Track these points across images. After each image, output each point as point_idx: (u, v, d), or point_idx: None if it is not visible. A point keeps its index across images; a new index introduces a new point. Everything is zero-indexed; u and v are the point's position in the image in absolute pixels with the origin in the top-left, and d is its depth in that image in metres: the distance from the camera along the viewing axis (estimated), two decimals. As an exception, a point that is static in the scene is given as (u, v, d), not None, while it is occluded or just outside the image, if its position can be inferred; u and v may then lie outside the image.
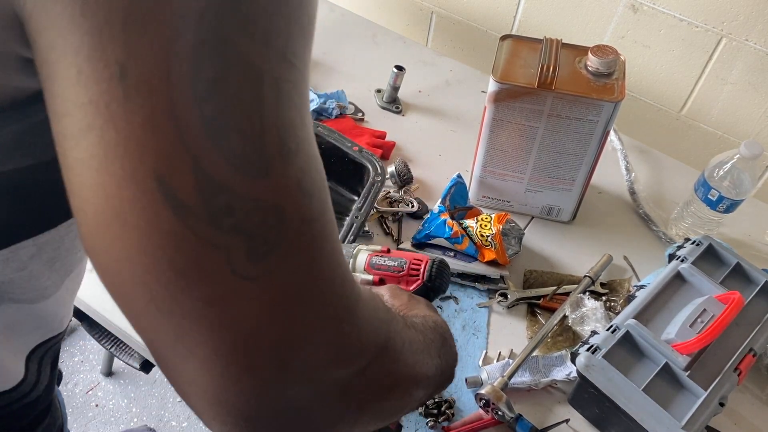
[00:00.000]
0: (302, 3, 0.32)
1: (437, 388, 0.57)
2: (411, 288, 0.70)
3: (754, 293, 0.90)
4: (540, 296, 0.98)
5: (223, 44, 0.29)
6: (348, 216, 0.95)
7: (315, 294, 0.34)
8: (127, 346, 1.12)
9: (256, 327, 0.32)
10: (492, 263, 0.99)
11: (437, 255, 0.72)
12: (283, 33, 0.31)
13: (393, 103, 1.26)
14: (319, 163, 0.35)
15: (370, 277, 0.71)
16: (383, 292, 0.68)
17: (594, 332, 0.88)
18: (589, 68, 0.93)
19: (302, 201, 0.33)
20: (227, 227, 0.30)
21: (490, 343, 0.94)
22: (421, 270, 0.70)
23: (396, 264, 0.71)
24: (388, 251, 0.73)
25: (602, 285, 1.00)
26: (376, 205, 1.06)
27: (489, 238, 0.98)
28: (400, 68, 1.23)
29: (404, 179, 1.10)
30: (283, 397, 0.34)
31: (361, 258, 0.72)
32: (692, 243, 0.96)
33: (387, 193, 1.10)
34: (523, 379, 0.87)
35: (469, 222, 1.01)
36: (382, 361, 0.40)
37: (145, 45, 0.28)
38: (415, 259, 0.71)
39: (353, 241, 0.91)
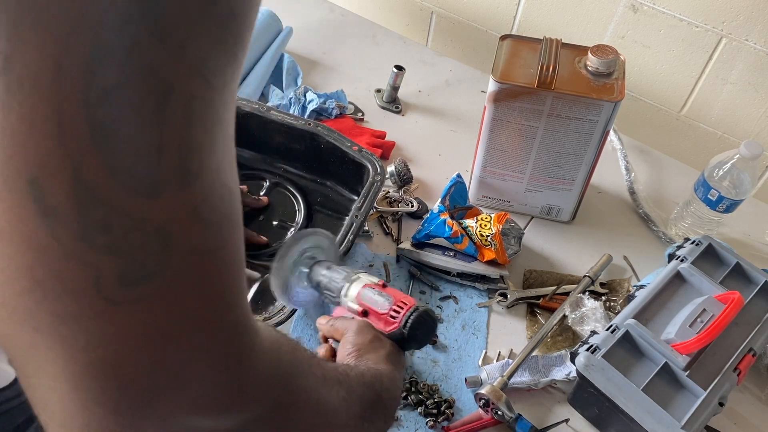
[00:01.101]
0: (228, 21, 0.30)
1: None
2: (387, 330, 0.67)
3: (754, 293, 0.90)
4: (540, 296, 0.98)
5: (129, 50, 0.26)
6: (348, 216, 0.95)
7: (194, 334, 0.32)
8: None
9: (115, 357, 0.30)
10: (492, 263, 0.99)
11: (426, 306, 0.68)
12: (201, 48, 0.28)
13: (393, 103, 1.27)
14: (231, 194, 0.33)
15: (356, 307, 0.69)
16: (351, 326, 0.66)
17: (594, 332, 0.88)
18: (589, 68, 0.93)
19: (195, 230, 0.30)
20: (100, 245, 0.28)
21: (490, 343, 0.94)
22: (401, 314, 0.67)
23: (383, 301, 0.68)
24: (384, 286, 0.70)
25: (602, 285, 1.00)
26: (375, 204, 1.06)
27: (489, 238, 0.98)
28: (400, 68, 1.23)
29: (404, 179, 1.10)
30: None
31: (355, 287, 0.70)
32: (692, 243, 0.96)
33: (387, 193, 1.10)
34: (522, 379, 0.87)
35: (469, 222, 1.01)
36: (272, 420, 0.37)
37: (35, 39, 0.25)
38: (400, 301, 0.68)
39: (353, 240, 0.91)
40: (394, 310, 0.67)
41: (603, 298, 0.98)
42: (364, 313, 0.69)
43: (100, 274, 0.28)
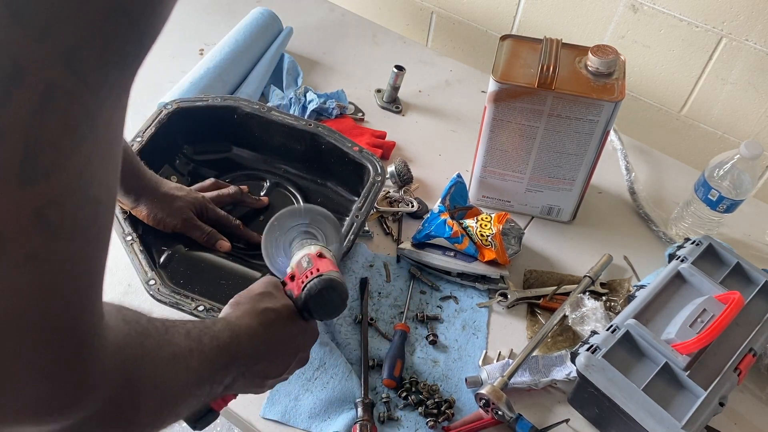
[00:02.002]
0: (112, 15, 0.26)
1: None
2: (296, 294, 0.66)
3: (754, 293, 0.90)
4: (540, 296, 0.98)
5: None
6: (348, 216, 0.95)
7: (30, 334, 0.30)
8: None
9: None
10: (492, 263, 0.99)
11: (337, 277, 0.65)
12: (71, 36, 0.25)
13: (393, 103, 1.26)
14: (97, 208, 0.30)
15: (289, 272, 0.68)
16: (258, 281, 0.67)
17: (594, 332, 0.88)
18: (589, 68, 0.93)
19: (38, 234, 0.28)
20: None
21: (490, 343, 0.94)
22: (307, 281, 0.64)
23: (306, 264, 0.66)
24: (320, 256, 0.67)
25: (602, 285, 1.00)
26: (376, 205, 1.06)
27: (489, 238, 0.98)
28: (400, 68, 1.23)
29: (404, 179, 1.10)
30: None
31: (304, 251, 0.69)
32: (692, 243, 0.96)
33: (387, 193, 1.10)
34: (523, 379, 0.87)
35: (469, 222, 1.01)
36: (116, 411, 0.37)
37: None
38: (315, 269, 0.65)
39: (353, 240, 0.91)
40: (305, 275, 0.65)
41: (603, 298, 0.98)
42: (291, 278, 0.67)
43: None
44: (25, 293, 0.29)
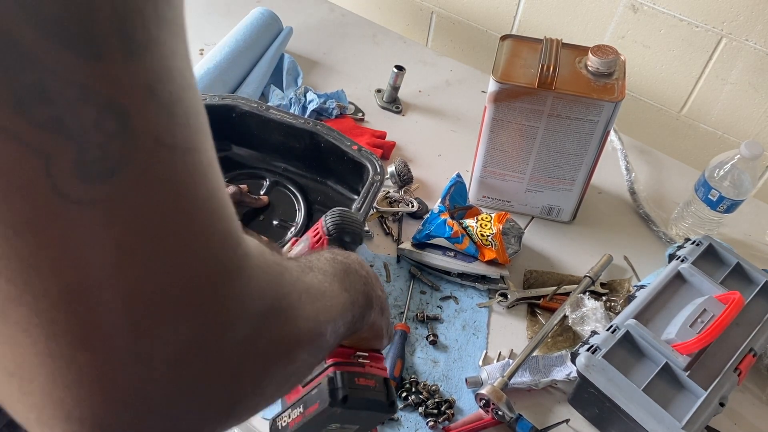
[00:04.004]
0: None
1: (353, 322, 0.50)
2: (315, 247, 0.69)
3: (755, 293, 0.90)
4: (540, 296, 0.98)
5: None
6: (348, 216, 0.95)
7: (180, 245, 0.27)
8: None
9: (93, 280, 0.24)
10: (492, 263, 0.99)
11: (343, 209, 0.72)
12: None
13: (393, 103, 1.26)
14: (193, 92, 0.28)
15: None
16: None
17: (594, 332, 0.88)
18: (590, 68, 0.93)
19: (157, 114, 0.26)
20: (44, 121, 0.23)
21: (490, 343, 0.94)
22: (320, 228, 0.69)
23: (304, 240, 0.70)
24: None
25: (602, 285, 1.00)
26: (376, 205, 1.06)
27: (489, 238, 0.98)
28: (400, 68, 1.22)
29: (404, 179, 1.10)
30: (133, 383, 0.26)
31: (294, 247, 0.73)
32: (692, 243, 0.96)
33: (387, 193, 1.10)
34: (523, 379, 0.87)
35: (470, 221, 1.00)
36: (274, 324, 0.34)
37: None
38: (313, 229, 0.71)
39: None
40: (315, 232, 0.69)
41: (603, 298, 0.98)
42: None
43: (52, 162, 0.23)
44: (163, 182, 0.26)
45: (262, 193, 1.05)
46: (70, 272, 0.24)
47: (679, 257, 0.93)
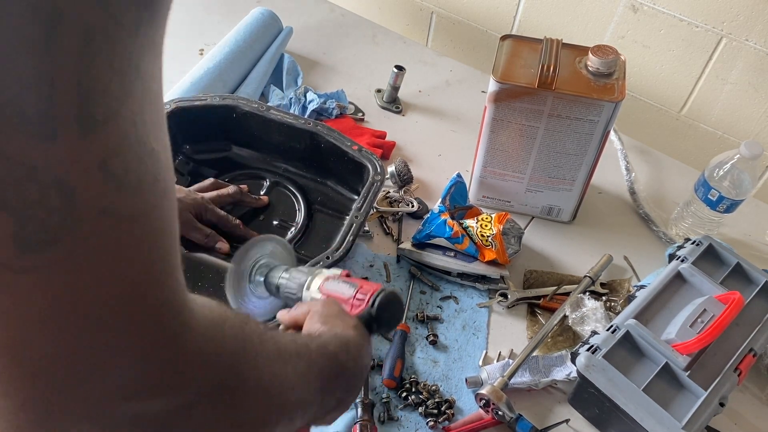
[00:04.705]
0: None
1: (315, 419, 0.49)
2: (354, 313, 0.64)
3: (754, 293, 0.90)
4: (540, 296, 0.98)
5: None
6: (348, 215, 0.95)
7: (113, 312, 0.28)
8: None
9: (21, 339, 0.26)
10: (492, 263, 0.99)
11: (395, 289, 0.68)
12: None
13: (393, 103, 1.26)
14: (155, 158, 0.29)
15: (319, 296, 0.67)
16: (315, 304, 0.63)
17: (594, 332, 0.88)
18: (590, 68, 0.93)
19: (106, 188, 0.26)
20: None
21: (490, 343, 0.94)
22: (368, 296, 0.65)
23: (347, 287, 0.66)
24: (348, 275, 0.68)
25: (602, 285, 1.00)
26: (376, 205, 1.06)
27: (489, 238, 0.98)
28: (400, 68, 1.22)
29: (404, 179, 1.10)
30: None
31: (318, 280, 0.68)
32: (692, 243, 0.96)
33: (387, 193, 1.10)
34: (523, 379, 0.87)
35: (470, 222, 1.01)
36: (215, 402, 0.34)
37: None
38: (367, 285, 0.66)
39: (353, 241, 0.91)
40: (361, 293, 0.65)
41: (603, 298, 0.98)
42: None
43: None
44: (102, 252, 0.26)
45: (262, 193, 1.05)
46: (2, 331, 0.25)
47: (679, 257, 0.93)
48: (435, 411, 0.85)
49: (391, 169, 1.10)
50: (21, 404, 0.27)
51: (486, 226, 0.99)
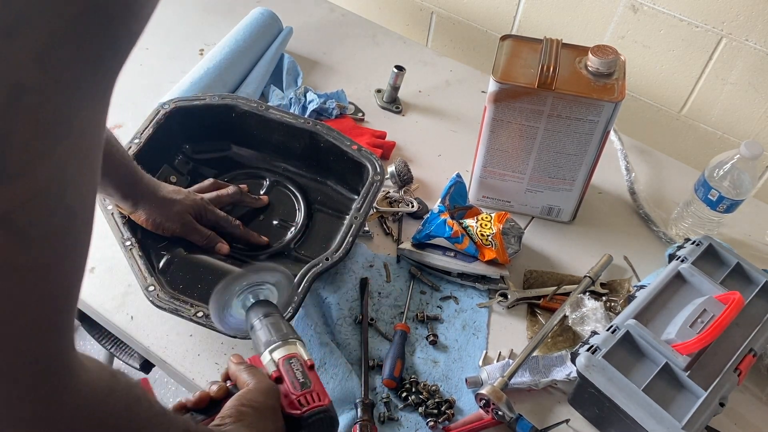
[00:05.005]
0: (88, 10, 0.25)
1: None
2: (288, 411, 0.63)
3: (754, 293, 0.90)
4: (540, 296, 0.98)
5: None
6: (347, 214, 0.95)
7: None
8: (127, 346, 1.12)
9: None
10: (492, 263, 0.99)
11: (334, 413, 0.65)
12: (43, 33, 0.24)
13: (393, 103, 1.26)
14: (72, 217, 0.28)
15: (272, 370, 0.65)
16: (257, 383, 0.61)
17: (594, 332, 0.88)
18: (590, 68, 0.93)
19: (7, 240, 0.26)
20: None
21: (490, 343, 0.94)
22: (308, 407, 0.63)
23: (301, 381, 0.64)
24: (311, 368, 0.66)
25: (602, 285, 1.00)
26: (376, 205, 1.06)
27: (489, 238, 0.98)
28: (400, 68, 1.22)
29: (404, 179, 1.10)
30: None
31: (282, 350, 0.66)
32: (692, 243, 0.96)
33: (387, 193, 1.10)
34: (523, 379, 0.87)
35: (470, 221, 1.00)
36: None
37: None
38: (316, 393, 0.64)
39: (353, 241, 0.91)
40: (306, 398, 0.63)
41: (603, 298, 0.98)
42: (277, 380, 0.65)
43: None
44: None
45: (262, 192, 1.05)
46: None
47: (679, 257, 0.93)
48: (435, 411, 0.85)
49: (391, 169, 1.10)
50: None
51: (486, 225, 0.99)
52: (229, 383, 0.65)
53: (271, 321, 0.68)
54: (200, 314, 0.82)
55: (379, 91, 1.29)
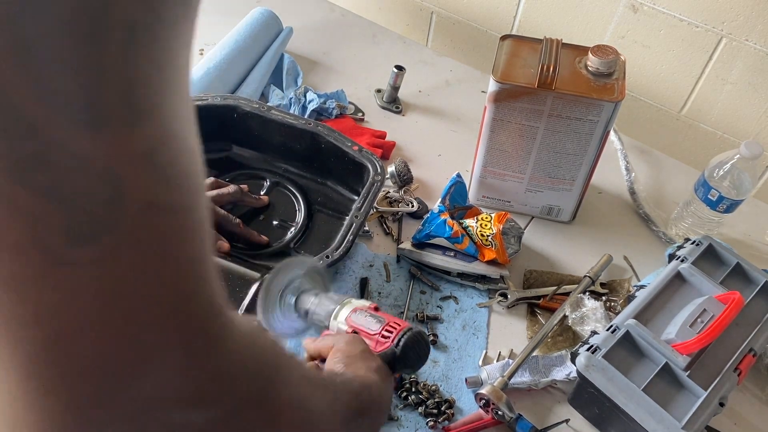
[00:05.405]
0: None
1: None
2: (378, 350, 0.64)
3: (754, 293, 0.90)
4: (540, 296, 0.98)
5: None
6: (348, 215, 0.95)
7: (160, 308, 0.27)
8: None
9: (70, 334, 0.25)
10: (492, 263, 0.99)
11: (421, 329, 0.67)
12: None
13: (393, 103, 1.26)
14: (193, 154, 0.29)
15: (345, 328, 0.67)
16: (339, 338, 0.63)
17: (594, 332, 0.88)
18: (590, 68, 0.93)
19: (152, 180, 0.26)
20: (38, 187, 0.23)
21: (490, 343, 0.94)
22: (394, 334, 0.65)
23: (374, 321, 0.66)
24: (377, 309, 0.69)
25: (602, 285, 1.00)
26: (376, 205, 1.06)
27: (489, 238, 0.98)
28: (400, 68, 1.22)
29: (404, 179, 1.10)
30: None
31: (345, 310, 0.68)
32: (692, 243, 0.96)
33: (387, 193, 1.10)
34: (523, 379, 0.87)
35: (470, 221, 1.01)
36: (254, 414, 0.33)
37: None
38: (393, 322, 0.66)
39: (353, 241, 0.91)
40: (387, 330, 0.65)
41: (603, 298, 0.98)
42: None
43: (41, 225, 0.24)
44: (147, 247, 0.26)
45: (262, 193, 1.05)
46: (51, 323, 0.25)
47: (679, 257, 0.93)
48: (435, 411, 0.85)
49: (391, 169, 1.10)
50: (69, 405, 0.26)
51: (486, 225, 0.99)
52: (317, 362, 0.66)
53: (321, 298, 0.70)
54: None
55: (379, 91, 1.29)
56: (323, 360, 0.65)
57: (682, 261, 0.92)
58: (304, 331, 0.73)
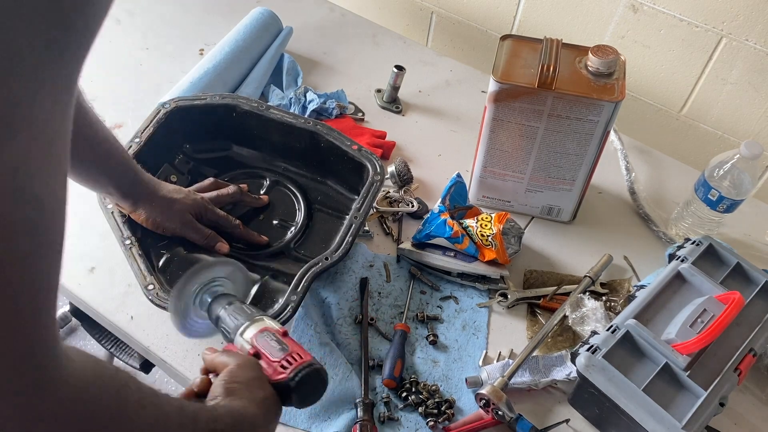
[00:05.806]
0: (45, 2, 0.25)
1: None
2: (275, 378, 0.63)
3: (754, 293, 0.90)
4: (540, 296, 0.98)
5: None
6: (347, 214, 0.95)
7: None
8: (127, 346, 1.12)
9: None
10: (492, 263, 0.99)
11: (321, 366, 0.65)
12: None
13: (393, 103, 1.26)
14: (39, 207, 0.28)
15: (248, 348, 0.66)
16: (234, 359, 0.62)
17: (594, 332, 0.88)
18: (590, 68, 0.93)
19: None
20: None
21: (490, 343, 0.94)
22: (293, 366, 0.63)
23: (278, 348, 0.65)
24: (284, 335, 0.67)
25: (602, 285, 1.00)
26: (376, 205, 1.06)
27: (489, 238, 0.98)
28: (400, 68, 1.22)
29: (404, 179, 1.10)
30: None
31: (253, 328, 0.67)
32: (692, 243, 0.96)
33: (387, 193, 1.10)
34: (523, 379, 0.87)
35: (470, 222, 1.00)
36: None
37: None
38: (297, 353, 0.64)
39: (353, 241, 0.91)
40: (287, 360, 0.64)
41: (603, 298, 0.98)
42: (256, 356, 0.65)
43: None
44: None
45: (262, 192, 1.05)
46: None
47: (679, 257, 0.93)
48: (435, 411, 0.85)
49: (391, 169, 1.10)
50: None
51: (486, 225, 0.99)
52: (211, 375, 0.65)
53: (234, 308, 0.69)
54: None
55: (379, 91, 1.29)
56: (215, 375, 0.64)
57: (682, 261, 0.92)
58: (213, 334, 0.72)
